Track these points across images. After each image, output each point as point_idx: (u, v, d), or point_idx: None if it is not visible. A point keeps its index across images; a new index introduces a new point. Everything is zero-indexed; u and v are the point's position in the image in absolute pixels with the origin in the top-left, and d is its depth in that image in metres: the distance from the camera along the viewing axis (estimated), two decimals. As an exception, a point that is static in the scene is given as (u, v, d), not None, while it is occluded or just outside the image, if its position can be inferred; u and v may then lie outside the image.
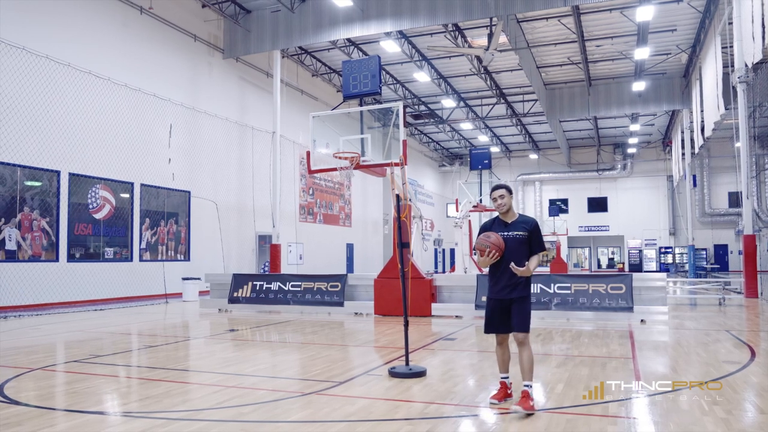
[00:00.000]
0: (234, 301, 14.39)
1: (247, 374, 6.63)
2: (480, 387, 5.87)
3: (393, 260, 12.75)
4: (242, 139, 22.37)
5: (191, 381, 6.31)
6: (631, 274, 11.54)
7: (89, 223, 16.12)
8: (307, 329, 10.98)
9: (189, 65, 20.04)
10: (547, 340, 9.15)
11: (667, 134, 39.16)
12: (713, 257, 39.67)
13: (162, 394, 5.62)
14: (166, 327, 12.18)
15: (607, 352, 7.93)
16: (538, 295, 11.53)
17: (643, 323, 10.91)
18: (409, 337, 6.64)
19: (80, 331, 10.88)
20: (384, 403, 5.22)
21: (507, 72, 27.56)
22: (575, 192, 44.52)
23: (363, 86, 10.84)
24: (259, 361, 7.79)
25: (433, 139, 41.53)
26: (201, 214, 20.08)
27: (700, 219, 39.88)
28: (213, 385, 6.02)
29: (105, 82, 16.56)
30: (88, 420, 4.77)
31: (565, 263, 32.81)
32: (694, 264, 32.71)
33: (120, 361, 7.81)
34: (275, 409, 5.03)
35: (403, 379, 6.10)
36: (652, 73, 27.83)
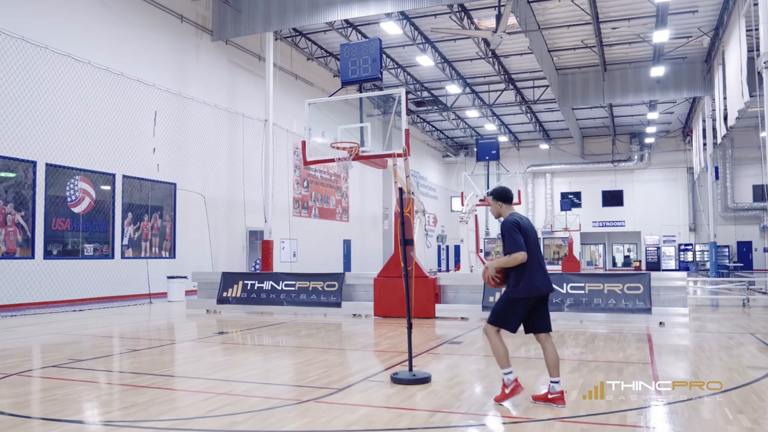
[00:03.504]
0: (223, 301, 14.39)
1: (238, 380, 6.63)
2: (488, 394, 5.88)
3: (394, 258, 12.75)
4: (232, 127, 22.35)
5: (179, 387, 6.31)
6: (649, 273, 11.55)
7: (67, 218, 16.11)
8: (302, 332, 10.99)
9: (175, 48, 20.00)
10: (559, 343, 9.15)
11: (687, 123, 39.14)
12: (736, 255, 39.72)
13: (148, 402, 5.62)
14: (151, 329, 12.19)
15: (624, 356, 7.94)
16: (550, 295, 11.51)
17: (661, 326, 10.93)
18: (413, 341, 6.65)
19: (59, 333, 10.88)
20: (386, 411, 5.23)
21: (516, 56, 27.52)
22: (589, 185, 44.54)
23: (363, 71, 10.85)
24: (252, 366, 7.80)
25: (437, 127, 41.51)
26: (187, 208, 20.08)
27: (723, 214, 39.91)
28: (202, 391, 6.02)
29: (85, 66, 16.51)
30: (68, 429, 4.77)
31: (577, 261, 32.90)
32: (716, 262, 32.76)
33: (102, 366, 7.82)
34: (270, 418, 5.03)
35: (406, 385, 6.10)
36: (671, 58, 27.78)
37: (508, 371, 5.35)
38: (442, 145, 45.19)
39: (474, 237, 19.80)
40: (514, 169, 33.70)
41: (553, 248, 41.70)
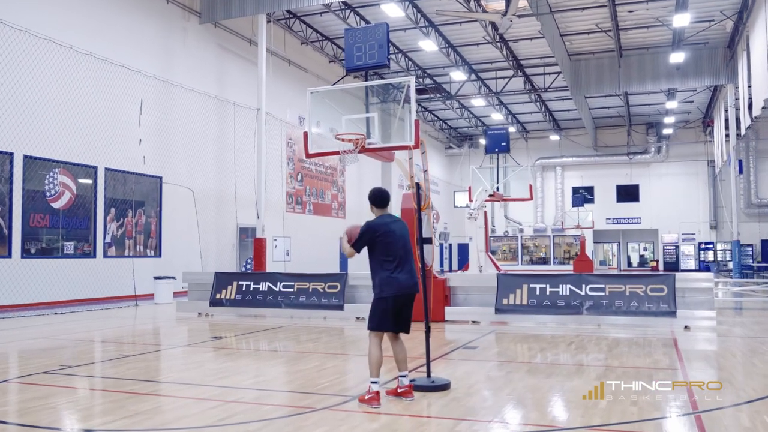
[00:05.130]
0: (216, 303, 14.48)
1: (246, 387, 6.74)
2: (515, 402, 6.01)
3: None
4: (222, 116, 22.41)
5: (184, 395, 6.41)
6: (674, 274, 11.70)
7: (46, 214, 16.17)
8: (304, 336, 11.11)
9: (161, 31, 20.04)
10: (580, 349, 9.31)
11: (708, 113, 39.35)
12: (761, 254, 39.94)
13: (152, 410, 5.73)
14: (141, 333, 12.30)
15: (652, 362, 8.08)
16: (567, 297, 11.69)
17: (687, 330, 11.07)
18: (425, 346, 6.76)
19: (42, 338, 10.96)
20: (409, 420, 5.35)
21: (526, 40, 27.63)
22: (602, 179, 44.73)
23: (369, 58, 10.96)
24: (257, 372, 7.92)
25: (440, 117, 41.65)
26: (174, 203, 20.14)
27: (746, 210, 40.12)
28: (209, 399, 6.13)
29: (66, 50, 16.53)
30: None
31: (590, 261, 33.02)
32: (739, 262, 32.96)
33: (96, 372, 7.92)
34: (287, 426, 5.15)
35: (425, 392, 6.22)
36: (692, 43, 27.94)
37: (375, 380, 5.82)
38: (444, 136, 45.33)
39: (483, 235, 19.95)
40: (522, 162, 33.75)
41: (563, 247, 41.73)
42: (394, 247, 6.03)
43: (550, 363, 8.25)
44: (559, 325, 11.73)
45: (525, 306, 11.94)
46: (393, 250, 6.02)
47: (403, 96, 11.12)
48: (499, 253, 39.74)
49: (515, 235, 40.23)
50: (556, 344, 9.78)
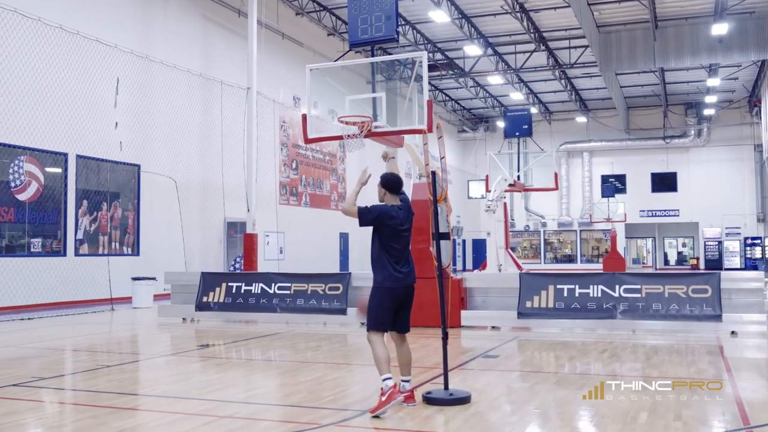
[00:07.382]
0: (203, 307, 14.51)
1: (240, 401, 6.78)
2: (542, 417, 6.04)
3: (415, 255, 12.85)
4: (208, 96, 22.42)
5: (173, 410, 6.44)
6: (718, 273, 11.68)
7: (11, 207, 16.21)
8: (302, 344, 11.17)
9: (139, 1, 20.04)
10: (614, 357, 9.33)
11: (754, 92, 39.25)
12: (814, 251, 39.98)
13: (140, 426, 5.78)
14: (119, 341, 12.37)
15: (695, 372, 8.11)
16: (599, 299, 11.69)
17: (734, 335, 11.08)
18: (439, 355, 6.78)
19: (9, 346, 11.04)
20: (426, 437, 5.39)
21: (549, 10, 27.55)
22: (635, 166, 44.63)
23: (375, 30, 10.91)
24: (252, 385, 7.97)
25: (452, 96, 41.60)
26: (154, 194, 20.18)
27: (798, 201, 40.13)
28: (202, 414, 6.17)
29: (34, 22, 16.51)
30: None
31: (622, 258, 33.07)
32: (790, 259, 32.96)
33: (72, 384, 7.97)
34: (290, 445, 5.19)
35: (443, 406, 6.25)
36: (736, 12, 27.81)
37: (388, 377, 6.00)
38: (457, 118, 45.28)
39: (503, 229, 19.93)
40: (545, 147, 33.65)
41: (592, 243, 41.79)
42: (401, 237, 6.40)
43: (580, 374, 8.28)
44: (587, 331, 11.77)
45: (551, 310, 11.94)
46: (399, 240, 6.37)
47: (413, 73, 11.10)
48: (519, 250, 39.80)
49: (537, 230, 40.29)
50: (587, 352, 9.82)
